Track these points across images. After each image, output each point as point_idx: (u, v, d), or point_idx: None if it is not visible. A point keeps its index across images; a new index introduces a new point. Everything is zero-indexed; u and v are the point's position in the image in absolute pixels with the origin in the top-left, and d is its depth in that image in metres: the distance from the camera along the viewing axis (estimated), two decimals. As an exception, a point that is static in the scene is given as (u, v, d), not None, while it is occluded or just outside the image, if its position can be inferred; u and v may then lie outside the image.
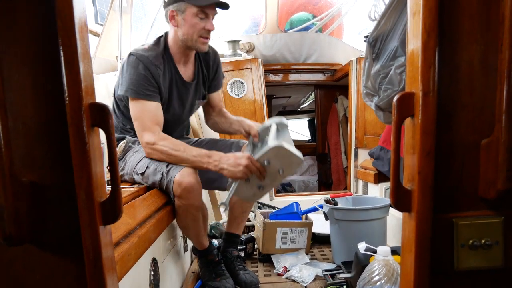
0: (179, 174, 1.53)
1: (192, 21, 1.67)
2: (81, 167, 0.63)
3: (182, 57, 1.81)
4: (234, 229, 1.99)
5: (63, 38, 0.62)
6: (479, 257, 0.69)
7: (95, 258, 0.65)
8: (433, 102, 0.65)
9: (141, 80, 1.64)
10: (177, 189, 1.53)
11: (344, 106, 3.89)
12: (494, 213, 0.69)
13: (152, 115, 1.66)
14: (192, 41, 1.71)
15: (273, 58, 3.56)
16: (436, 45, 0.65)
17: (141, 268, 1.26)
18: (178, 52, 1.78)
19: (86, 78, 0.64)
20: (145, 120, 1.65)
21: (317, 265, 2.00)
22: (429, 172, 0.66)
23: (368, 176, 2.68)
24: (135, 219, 1.17)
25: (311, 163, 5.53)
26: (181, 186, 1.53)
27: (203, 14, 1.68)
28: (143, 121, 1.65)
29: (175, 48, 1.77)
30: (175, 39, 1.75)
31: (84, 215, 0.64)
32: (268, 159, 1.48)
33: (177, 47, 1.77)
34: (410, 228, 0.69)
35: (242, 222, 2.01)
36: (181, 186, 1.53)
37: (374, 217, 1.88)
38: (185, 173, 1.54)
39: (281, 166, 1.51)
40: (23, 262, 0.67)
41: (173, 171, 1.56)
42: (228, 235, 1.99)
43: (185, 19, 1.68)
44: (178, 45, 1.76)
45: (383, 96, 1.48)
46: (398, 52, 1.35)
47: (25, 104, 0.64)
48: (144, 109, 1.65)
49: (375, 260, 1.24)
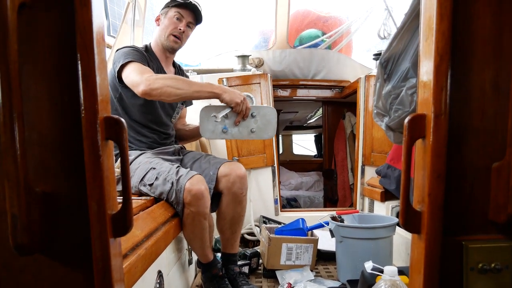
0: (189, 182, 1.57)
1: (169, 21, 1.93)
2: (94, 179, 0.64)
3: (164, 59, 2.03)
4: (229, 249, 1.98)
5: (82, 52, 0.63)
6: (488, 281, 0.69)
7: (104, 269, 0.65)
8: (444, 124, 0.66)
9: (135, 53, 1.82)
10: (187, 196, 1.56)
11: (352, 123, 3.90)
12: (505, 237, 0.69)
13: (144, 68, 1.78)
14: (164, 36, 1.95)
15: (282, 73, 3.59)
16: (449, 68, 0.66)
17: (147, 281, 1.26)
18: (159, 53, 2.01)
19: (102, 92, 0.65)
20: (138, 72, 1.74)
21: (322, 283, 1.99)
22: (439, 194, 0.66)
23: (374, 194, 2.67)
24: (142, 231, 1.17)
25: (317, 179, 5.52)
26: (191, 193, 1.56)
27: (179, 15, 1.92)
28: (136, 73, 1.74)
29: (157, 49, 2.01)
30: (155, 40, 2.00)
31: (95, 226, 0.65)
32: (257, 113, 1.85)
33: (158, 49, 2.01)
34: (419, 249, 0.68)
35: (235, 242, 1.99)
36: (191, 193, 1.56)
37: (380, 235, 1.87)
38: (194, 181, 1.58)
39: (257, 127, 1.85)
40: (33, 272, 0.68)
41: (183, 179, 1.59)
42: (224, 255, 1.99)
43: (165, 18, 1.95)
44: (158, 46, 2.00)
45: (394, 116, 1.48)
46: (409, 73, 1.36)
47: (42, 115, 0.65)
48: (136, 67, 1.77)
49: (382, 280, 1.22)
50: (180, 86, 1.71)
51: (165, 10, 1.96)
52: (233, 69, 3.27)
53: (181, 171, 1.64)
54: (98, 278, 0.66)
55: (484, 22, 0.68)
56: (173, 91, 1.68)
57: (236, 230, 1.94)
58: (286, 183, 5.57)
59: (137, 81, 1.70)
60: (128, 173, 0.69)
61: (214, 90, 1.77)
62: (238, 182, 1.83)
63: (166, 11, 1.95)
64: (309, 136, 7.03)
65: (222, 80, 3.02)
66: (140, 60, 1.81)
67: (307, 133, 6.98)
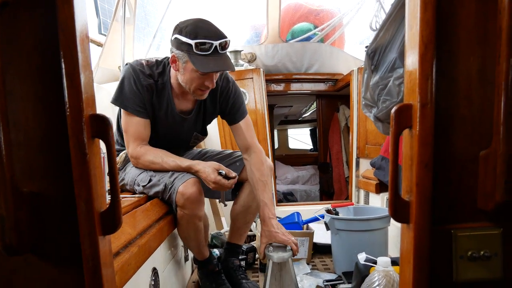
0: (183, 186, 1.55)
1: (191, 75, 1.61)
2: (81, 178, 0.64)
3: (181, 92, 1.74)
4: (236, 240, 1.98)
5: (65, 51, 0.63)
6: (478, 269, 0.69)
7: (94, 267, 0.65)
8: (430, 113, 0.66)
9: (131, 94, 1.64)
10: (180, 199, 1.55)
11: (346, 115, 3.90)
12: (493, 224, 0.69)
13: (136, 130, 1.68)
14: (189, 90, 1.66)
15: (275, 68, 3.59)
16: (434, 57, 0.66)
17: (142, 278, 1.26)
18: (177, 87, 1.72)
19: (87, 90, 0.65)
20: (130, 133, 1.69)
21: (318, 275, 1.99)
22: (427, 184, 0.66)
23: (369, 186, 2.68)
24: (135, 229, 1.17)
25: (313, 173, 5.53)
26: (184, 196, 1.54)
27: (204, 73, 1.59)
28: (128, 134, 1.70)
29: (175, 83, 1.71)
30: (175, 78, 1.70)
31: (84, 225, 0.65)
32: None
33: (176, 84, 1.71)
34: (409, 239, 0.69)
35: (244, 233, 2.00)
36: (184, 196, 1.54)
37: (375, 227, 1.88)
38: (188, 184, 1.56)
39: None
40: (24, 272, 0.68)
41: (178, 182, 1.57)
42: (229, 245, 1.99)
43: (185, 68, 1.60)
44: (177, 83, 1.70)
45: (382, 107, 1.49)
46: (396, 63, 1.36)
47: (27, 115, 0.65)
48: (130, 123, 1.68)
49: (375, 271, 1.23)
50: (163, 166, 1.66)
51: (181, 54, 1.58)
52: (226, 64, 3.26)
53: (176, 174, 1.63)
54: (88, 276, 0.65)
55: (468, 11, 0.68)
56: (157, 167, 1.68)
57: (249, 220, 1.95)
58: (283, 178, 5.58)
59: (127, 143, 1.71)
60: (116, 172, 0.68)
61: (193, 173, 1.65)
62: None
63: (184, 58, 1.58)
64: (304, 130, 7.04)
65: (215, 76, 3.01)
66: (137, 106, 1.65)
67: (302, 127, 6.98)
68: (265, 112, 3.10)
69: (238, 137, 1.84)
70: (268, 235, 1.61)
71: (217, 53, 1.55)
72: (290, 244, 1.56)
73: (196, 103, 1.80)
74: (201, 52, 1.54)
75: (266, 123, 3.09)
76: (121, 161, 1.80)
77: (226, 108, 1.84)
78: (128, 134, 1.69)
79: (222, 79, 1.81)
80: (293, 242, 1.58)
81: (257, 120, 3.06)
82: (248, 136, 1.82)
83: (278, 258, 1.50)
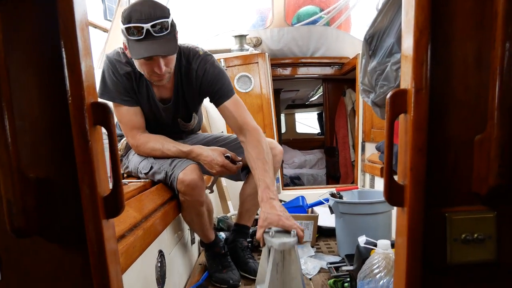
0: (182, 173, 1.57)
1: (138, 62, 1.55)
2: (84, 163, 0.66)
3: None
4: (245, 221, 2.02)
5: (65, 40, 0.64)
6: (471, 251, 0.70)
7: (99, 249, 0.68)
8: (425, 99, 0.67)
9: (113, 85, 1.62)
10: (180, 186, 1.57)
11: (352, 99, 3.89)
12: (487, 208, 0.71)
13: (129, 119, 1.68)
14: (147, 77, 1.61)
15: (281, 52, 3.57)
16: (429, 43, 0.66)
17: (148, 260, 1.30)
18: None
19: (88, 78, 0.66)
20: (124, 124, 1.70)
21: (322, 258, 2.03)
22: (421, 168, 0.67)
23: (375, 170, 2.68)
24: (140, 212, 1.20)
25: (320, 157, 5.54)
26: (184, 183, 1.56)
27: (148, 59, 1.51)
28: (123, 125, 1.71)
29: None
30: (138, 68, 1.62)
31: (88, 209, 0.67)
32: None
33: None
34: (403, 222, 0.70)
35: (253, 215, 2.03)
36: (184, 183, 1.56)
37: (378, 210, 1.89)
38: (188, 171, 1.58)
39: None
40: (32, 254, 0.71)
41: (177, 169, 1.59)
42: (238, 226, 2.03)
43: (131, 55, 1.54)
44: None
45: (379, 92, 1.49)
46: (394, 49, 1.36)
47: (31, 104, 0.67)
48: (122, 113, 1.68)
49: (376, 253, 1.25)
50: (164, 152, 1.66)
51: (125, 40, 1.53)
52: (231, 49, 3.26)
53: (176, 161, 1.64)
54: (93, 257, 0.68)
55: (465, -5, 0.68)
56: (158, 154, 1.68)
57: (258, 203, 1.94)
58: (290, 162, 5.60)
59: (125, 135, 1.72)
60: (117, 157, 0.70)
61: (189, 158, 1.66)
62: (278, 157, 1.87)
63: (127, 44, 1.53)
64: (312, 114, 7.02)
65: (220, 61, 3.01)
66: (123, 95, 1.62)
67: (310, 111, 6.96)
68: (271, 97, 3.10)
69: (227, 119, 1.73)
70: (269, 217, 1.38)
71: (151, 37, 1.45)
72: (296, 229, 1.33)
73: (173, 90, 1.73)
74: (134, 37, 1.46)
75: (272, 107, 3.09)
76: (123, 148, 1.83)
77: (207, 91, 1.74)
78: (123, 124, 1.70)
79: (198, 61, 1.69)
80: (299, 227, 1.36)
81: (263, 104, 3.07)
82: (238, 115, 1.69)
83: (282, 244, 1.25)
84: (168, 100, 1.75)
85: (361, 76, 1.66)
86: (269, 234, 1.33)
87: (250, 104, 3.06)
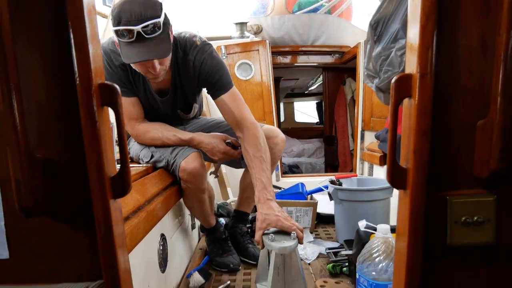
0: (185, 161, 1.57)
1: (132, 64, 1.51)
2: (92, 144, 0.67)
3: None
4: (244, 208, 2.04)
5: (73, 22, 0.64)
6: (471, 234, 0.72)
7: (106, 229, 0.69)
8: (430, 83, 0.67)
9: (109, 76, 1.58)
10: (182, 174, 1.58)
11: (352, 88, 3.89)
12: (487, 192, 0.72)
13: (126, 110, 1.64)
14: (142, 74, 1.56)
15: (281, 40, 3.56)
16: (435, 28, 0.67)
17: (151, 243, 1.31)
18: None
19: (95, 60, 0.67)
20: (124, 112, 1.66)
21: (321, 244, 2.05)
22: (425, 152, 0.68)
23: (374, 158, 2.70)
24: (143, 195, 1.21)
25: (319, 146, 5.56)
26: (186, 171, 1.57)
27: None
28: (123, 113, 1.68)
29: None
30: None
31: (95, 189, 0.68)
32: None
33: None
34: (405, 205, 0.71)
35: (253, 202, 2.03)
36: (186, 171, 1.57)
37: (377, 197, 1.91)
38: (190, 159, 1.58)
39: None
40: (39, 233, 0.72)
41: (179, 157, 1.59)
42: (238, 213, 2.05)
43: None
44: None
45: (384, 77, 1.50)
46: (399, 34, 1.36)
47: (38, 85, 0.68)
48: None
49: (375, 238, 1.27)
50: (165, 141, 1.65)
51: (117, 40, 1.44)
52: (232, 36, 3.24)
53: (177, 149, 1.64)
54: (101, 236, 0.69)
55: (471, -19, 0.68)
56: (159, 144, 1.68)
57: None
58: (288, 150, 5.62)
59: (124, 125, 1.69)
60: (125, 138, 0.71)
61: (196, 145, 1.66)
62: (280, 145, 1.85)
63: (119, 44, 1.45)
64: (311, 103, 7.02)
65: (221, 48, 3.00)
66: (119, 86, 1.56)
67: (309, 100, 6.96)
68: (271, 85, 3.10)
69: (224, 113, 1.67)
70: (267, 219, 1.39)
71: (142, 39, 1.38)
72: (296, 231, 1.34)
73: (170, 82, 1.68)
74: (124, 40, 1.39)
75: (272, 95, 3.10)
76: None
77: (205, 82, 1.70)
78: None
79: (195, 52, 1.63)
80: (298, 228, 1.36)
81: (263, 92, 3.07)
82: (235, 109, 1.63)
83: (282, 248, 1.24)
84: (166, 93, 1.71)
85: (365, 61, 1.66)
86: (268, 236, 1.31)
87: (250, 92, 3.06)
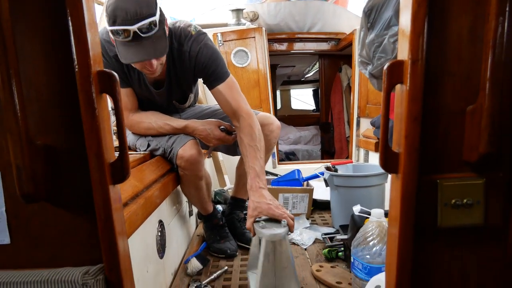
0: (182, 149, 1.59)
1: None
2: (91, 130, 0.68)
3: None
4: (241, 195, 2.06)
5: (71, 9, 0.65)
6: (460, 215, 0.74)
7: (106, 213, 0.71)
8: (421, 70, 0.69)
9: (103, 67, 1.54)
10: (180, 162, 1.60)
11: (348, 75, 3.90)
12: (476, 175, 0.74)
13: (125, 103, 1.66)
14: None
15: (277, 27, 3.55)
16: (426, 16, 0.68)
17: (149, 229, 1.34)
18: None
19: (93, 47, 0.68)
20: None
21: (317, 229, 2.09)
22: (416, 136, 0.70)
23: (369, 145, 2.72)
24: (142, 182, 1.23)
25: (315, 133, 5.58)
26: (183, 159, 1.59)
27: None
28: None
29: None
30: None
31: (95, 175, 0.70)
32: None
33: None
34: (397, 187, 0.74)
35: None
36: (183, 159, 1.59)
37: (372, 183, 1.94)
38: (187, 147, 1.60)
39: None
40: (40, 219, 0.74)
41: (176, 145, 1.61)
42: (235, 200, 2.07)
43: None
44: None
45: (377, 64, 1.51)
46: (392, 21, 1.38)
47: (38, 72, 0.69)
48: None
49: (369, 222, 1.30)
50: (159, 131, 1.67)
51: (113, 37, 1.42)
52: (228, 23, 3.23)
53: (173, 137, 1.65)
54: (100, 221, 0.71)
55: (462, -31, 0.69)
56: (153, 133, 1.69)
57: None
58: (285, 138, 5.64)
59: None
60: (123, 124, 0.73)
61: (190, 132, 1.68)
62: (276, 132, 1.87)
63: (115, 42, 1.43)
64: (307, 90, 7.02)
65: (217, 35, 3.00)
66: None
67: (305, 88, 6.96)
68: (267, 72, 3.10)
69: (220, 102, 1.67)
70: (258, 206, 1.38)
71: (138, 39, 1.36)
72: (286, 219, 1.33)
73: (165, 73, 1.67)
74: (121, 39, 1.38)
75: (268, 83, 3.10)
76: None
77: (200, 73, 1.68)
78: None
79: (190, 42, 1.61)
80: (289, 216, 1.35)
81: (260, 80, 3.07)
82: (231, 99, 1.63)
83: (272, 235, 1.24)
84: (161, 84, 1.70)
85: (359, 48, 1.67)
86: (259, 224, 1.33)
87: (247, 79, 3.06)
